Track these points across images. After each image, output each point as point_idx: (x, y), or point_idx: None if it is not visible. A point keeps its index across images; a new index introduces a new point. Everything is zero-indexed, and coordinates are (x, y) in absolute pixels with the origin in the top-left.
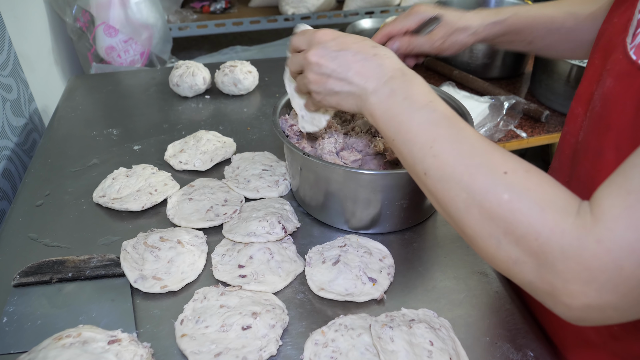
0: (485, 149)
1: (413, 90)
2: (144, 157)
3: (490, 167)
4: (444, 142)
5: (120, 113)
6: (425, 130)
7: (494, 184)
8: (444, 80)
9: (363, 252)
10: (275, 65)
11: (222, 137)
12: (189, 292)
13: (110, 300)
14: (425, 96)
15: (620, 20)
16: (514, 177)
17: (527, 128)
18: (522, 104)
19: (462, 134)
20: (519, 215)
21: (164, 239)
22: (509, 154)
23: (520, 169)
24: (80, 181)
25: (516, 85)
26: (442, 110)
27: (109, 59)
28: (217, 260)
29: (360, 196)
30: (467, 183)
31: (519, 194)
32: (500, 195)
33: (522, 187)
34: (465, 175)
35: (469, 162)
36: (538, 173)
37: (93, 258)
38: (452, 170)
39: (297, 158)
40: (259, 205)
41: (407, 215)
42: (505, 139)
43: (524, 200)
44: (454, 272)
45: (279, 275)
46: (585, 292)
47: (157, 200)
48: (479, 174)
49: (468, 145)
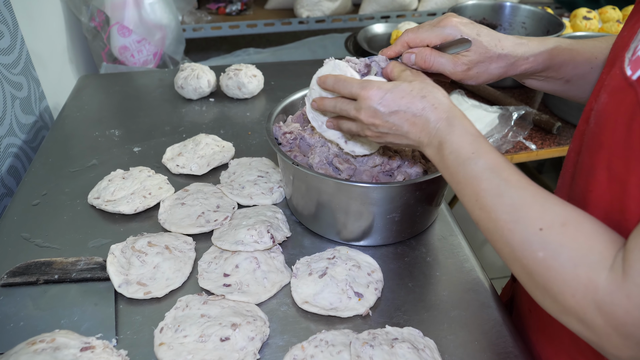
0: (524, 202)
1: (458, 142)
2: (142, 159)
3: (527, 224)
4: (486, 196)
5: (124, 114)
6: (469, 184)
7: (529, 241)
8: (454, 88)
9: (351, 265)
10: (282, 69)
11: (221, 142)
12: (173, 299)
13: (93, 304)
14: (470, 146)
15: (629, 33)
16: (549, 234)
17: (537, 140)
18: (532, 115)
19: (503, 186)
20: (553, 274)
21: (152, 244)
22: (550, 203)
23: (557, 222)
24: (77, 182)
25: (529, 95)
26: (485, 160)
27: (123, 58)
28: (203, 267)
29: (351, 208)
30: (507, 238)
31: (553, 251)
32: (535, 254)
33: (556, 244)
34: (505, 231)
35: (508, 218)
36: (576, 224)
37: (81, 260)
38: (495, 225)
39: (288, 167)
40: (250, 212)
41: (399, 228)
42: (513, 151)
43: (557, 258)
44: (446, 289)
45: (263, 285)
46: (627, 345)
47: (150, 203)
48: (516, 230)
49: (509, 199)
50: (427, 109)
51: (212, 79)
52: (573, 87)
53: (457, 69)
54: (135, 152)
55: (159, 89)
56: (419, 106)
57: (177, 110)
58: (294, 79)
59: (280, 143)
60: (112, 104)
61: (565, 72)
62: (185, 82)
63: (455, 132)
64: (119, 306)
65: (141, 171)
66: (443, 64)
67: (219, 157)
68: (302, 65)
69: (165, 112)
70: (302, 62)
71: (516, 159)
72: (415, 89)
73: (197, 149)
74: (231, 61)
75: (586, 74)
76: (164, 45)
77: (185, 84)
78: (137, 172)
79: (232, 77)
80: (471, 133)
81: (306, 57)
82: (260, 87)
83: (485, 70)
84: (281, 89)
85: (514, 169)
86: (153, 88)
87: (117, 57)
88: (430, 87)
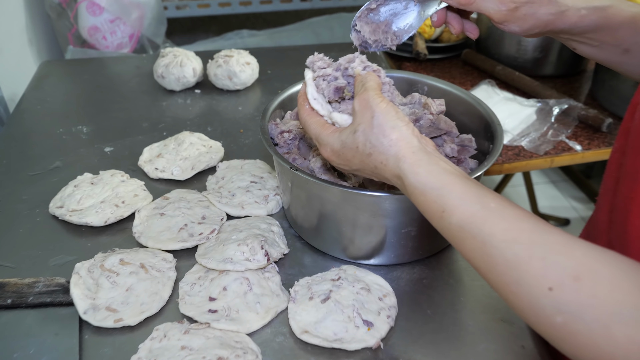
0: (520, 259)
1: (422, 201)
2: (115, 162)
3: (531, 284)
4: (475, 257)
5: (94, 107)
6: (455, 244)
7: (540, 305)
8: (484, 77)
9: (360, 287)
10: (281, 56)
11: (208, 141)
12: (149, 327)
13: (53, 334)
14: (435, 203)
15: None
16: (562, 294)
17: (583, 139)
18: (578, 109)
19: (489, 244)
20: (582, 339)
21: (125, 262)
22: (552, 252)
23: (567, 278)
24: (37, 187)
25: (574, 86)
26: (457, 217)
27: (93, 41)
28: (185, 290)
29: (359, 220)
30: (514, 304)
31: (574, 314)
32: (552, 319)
33: (575, 305)
34: (510, 295)
35: (507, 280)
36: (591, 275)
37: (39, 282)
38: (496, 287)
39: (286, 172)
40: (242, 224)
41: (416, 244)
42: (554, 152)
43: (581, 321)
44: (472, 319)
45: (256, 312)
46: None
47: (123, 214)
48: (521, 293)
49: (500, 258)
50: (379, 168)
51: (199, 67)
52: (633, 58)
53: (502, 7)
54: (107, 152)
55: (135, 78)
56: (371, 165)
57: (157, 103)
58: (294, 68)
59: (277, 144)
60: (80, 96)
61: (624, 38)
62: (166, 71)
63: (415, 189)
64: (84, 336)
65: (113, 175)
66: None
67: (205, 159)
68: (304, 51)
69: (143, 105)
70: (304, 47)
71: (557, 161)
72: (360, 145)
73: (180, 149)
74: (221, 45)
75: None
76: (142, 26)
77: (167, 73)
78: (109, 176)
79: (221, 64)
80: (431, 185)
81: (309, 41)
82: (254, 77)
83: (534, 14)
84: (279, 79)
85: (498, 211)
86: (129, 77)
87: (86, 40)
88: (375, 137)
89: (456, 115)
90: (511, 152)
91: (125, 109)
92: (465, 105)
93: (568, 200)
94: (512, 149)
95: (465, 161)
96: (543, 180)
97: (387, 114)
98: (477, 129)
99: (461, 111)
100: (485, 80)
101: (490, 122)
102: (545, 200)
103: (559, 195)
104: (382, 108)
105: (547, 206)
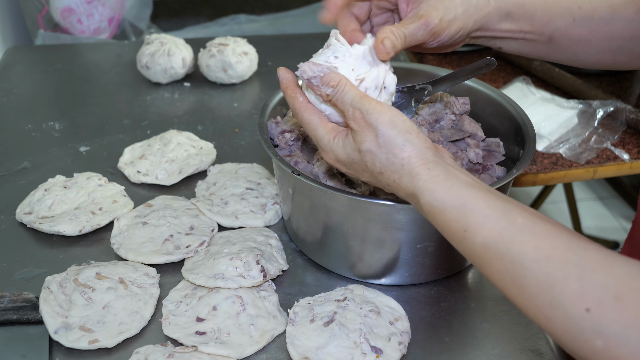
0: (554, 278)
1: (442, 221)
2: (91, 163)
3: (567, 306)
4: (503, 279)
5: (68, 101)
6: (478, 265)
7: (578, 329)
8: (518, 73)
9: (368, 310)
10: (283, 45)
11: (198, 141)
12: (128, 350)
13: (20, 356)
14: (457, 222)
15: None
16: (602, 315)
17: (631, 147)
18: (626, 112)
19: (518, 263)
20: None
21: (102, 276)
22: (589, 271)
23: (607, 297)
24: (3, 191)
25: (623, 86)
26: (482, 237)
27: (66, 25)
28: (169, 309)
29: (370, 234)
30: (549, 329)
31: (617, 337)
32: (592, 343)
33: (617, 327)
34: (543, 320)
35: (540, 302)
36: (633, 293)
37: (4, 297)
38: (528, 312)
39: (287, 177)
40: (235, 236)
41: (433, 262)
42: (597, 161)
43: (626, 344)
44: (496, 348)
45: (250, 335)
46: None
47: (100, 222)
48: (555, 317)
49: (532, 279)
50: (392, 186)
51: (189, 57)
52: (558, 48)
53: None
54: (82, 152)
55: (115, 68)
56: (383, 182)
57: (140, 97)
58: (297, 59)
59: (277, 145)
60: (52, 87)
61: (541, 26)
62: (151, 60)
63: (433, 208)
64: (54, 359)
65: (89, 179)
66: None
67: (194, 162)
68: (309, 39)
69: (124, 99)
70: (309, 35)
71: (601, 172)
72: (369, 164)
73: (166, 150)
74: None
75: (568, 29)
76: (123, 8)
77: (152, 63)
78: (84, 179)
79: (215, 54)
80: (451, 202)
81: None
82: (253, 69)
83: (455, 17)
84: None
85: (527, 227)
86: (108, 67)
87: (59, 23)
88: (384, 156)
89: (483, 117)
90: (547, 160)
91: (104, 104)
92: (494, 105)
93: (618, 220)
94: (549, 157)
95: (492, 168)
96: (589, 196)
97: (392, 128)
98: (506, 133)
99: (489, 112)
100: (520, 77)
101: (521, 125)
102: (591, 220)
103: (607, 214)
104: (384, 122)
105: (593, 226)
